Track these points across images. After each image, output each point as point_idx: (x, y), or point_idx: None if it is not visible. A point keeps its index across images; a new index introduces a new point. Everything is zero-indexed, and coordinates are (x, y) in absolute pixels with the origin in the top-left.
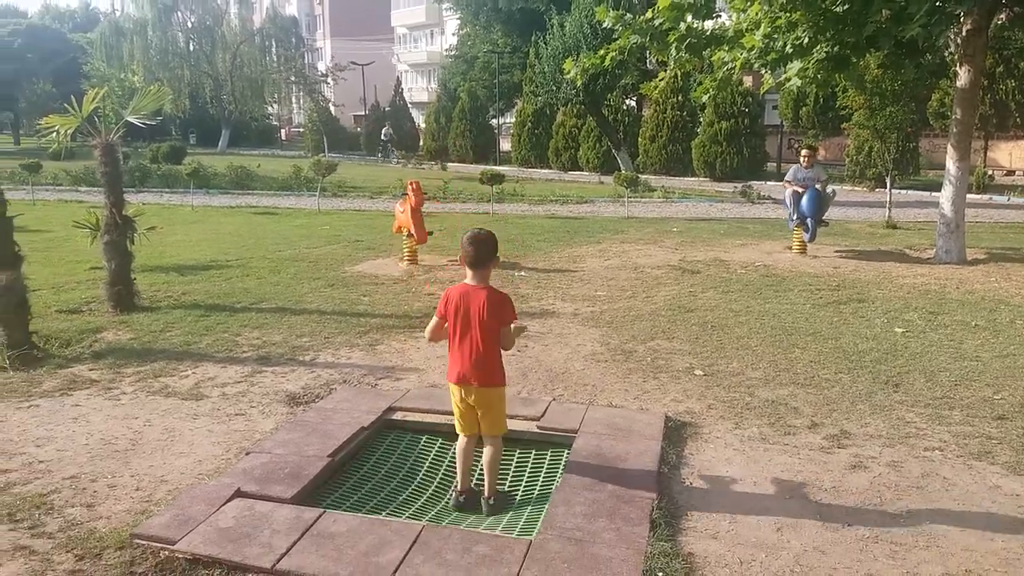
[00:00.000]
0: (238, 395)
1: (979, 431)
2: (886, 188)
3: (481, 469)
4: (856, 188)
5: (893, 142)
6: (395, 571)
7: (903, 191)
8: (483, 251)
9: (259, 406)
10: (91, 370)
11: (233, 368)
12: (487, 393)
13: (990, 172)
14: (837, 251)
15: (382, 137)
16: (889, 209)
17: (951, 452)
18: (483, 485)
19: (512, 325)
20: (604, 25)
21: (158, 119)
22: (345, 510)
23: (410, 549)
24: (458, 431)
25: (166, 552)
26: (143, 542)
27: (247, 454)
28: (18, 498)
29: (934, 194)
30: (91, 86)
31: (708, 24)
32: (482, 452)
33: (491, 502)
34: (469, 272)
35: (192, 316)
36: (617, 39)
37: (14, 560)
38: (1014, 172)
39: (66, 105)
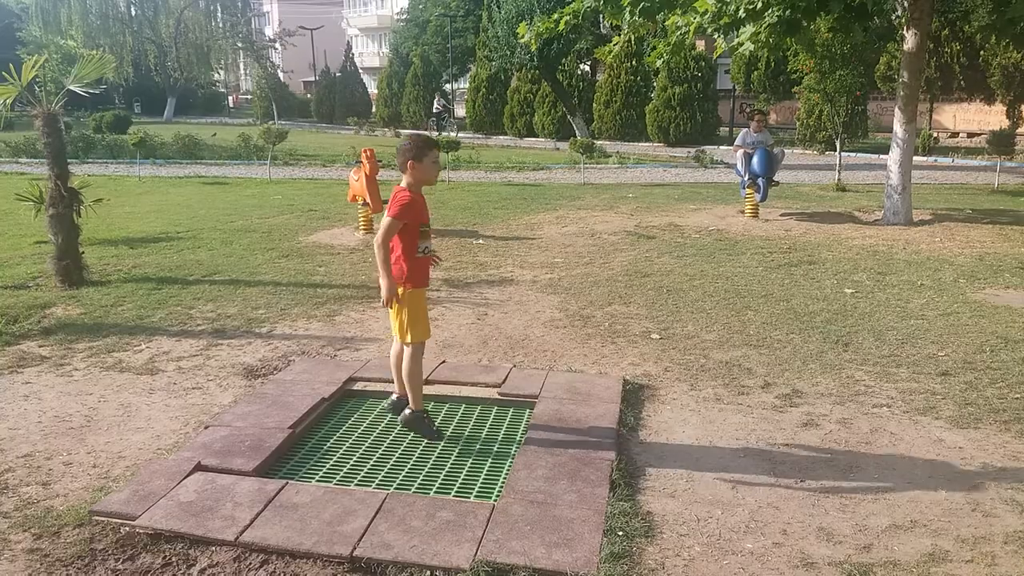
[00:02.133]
0: (194, 369)
1: (924, 387)
2: (836, 151)
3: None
4: (807, 151)
5: (843, 105)
6: (360, 539)
7: (852, 154)
8: (399, 156)
9: (216, 379)
10: (41, 347)
11: (188, 342)
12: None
13: (935, 134)
14: (788, 214)
15: (434, 108)
16: (839, 172)
17: (898, 408)
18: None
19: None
20: None
21: (101, 88)
22: (309, 480)
23: (374, 517)
24: None
25: (127, 528)
26: (103, 519)
27: (206, 428)
28: None
29: (882, 157)
30: (27, 53)
31: None
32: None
33: (408, 412)
34: None
35: (144, 289)
36: (571, 3)
37: None
38: (958, 134)
39: (3, 73)
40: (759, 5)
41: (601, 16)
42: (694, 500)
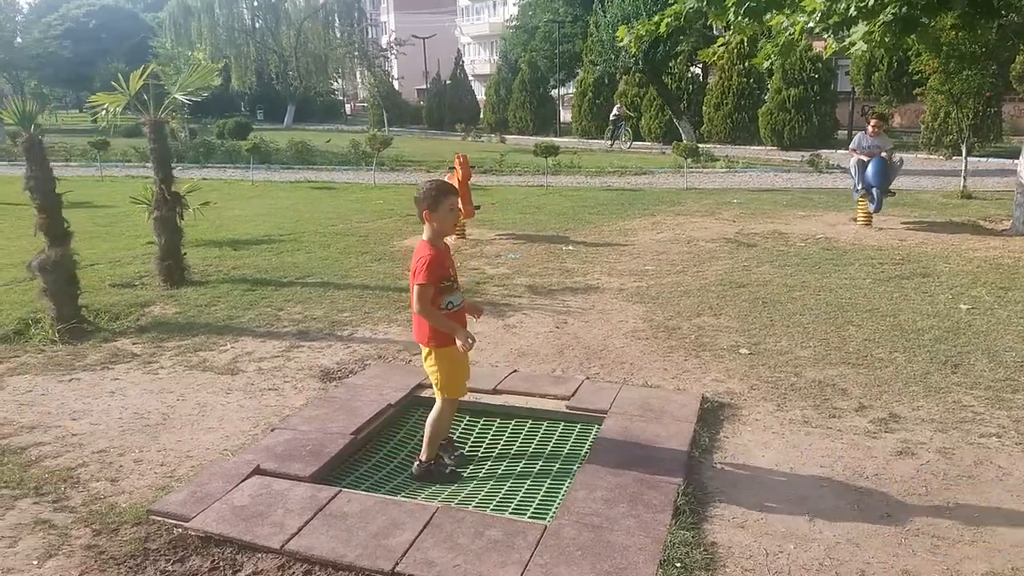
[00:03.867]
0: (273, 370)
1: None
2: (962, 156)
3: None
4: (932, 156)
5: (970, 108)
6: (404, 554)
7: (983, 159)
8: (417, 205)
9: (292, 381)
10: (134, 344)
11: (272, 343)
12: (421, 348)
13: None
14: (905, 223)
15: (612, 116)
16: (964, 178)
17: (1009, 439)
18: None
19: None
20: None
21: (204, 95)
22: (364, 489)
23: (421, 531)
24: None
25: (180, 529)
26: (159, 518)
27: (273, 430)
28: (47, 471)
29: (1016, 162)
30: (159, 64)
31: None
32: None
33: (417, 465)
34: None
35: (239, 290)
36: (673, 4)
37: (33, 534)
38: None
39: (113, 83)
40: (872, 2)
41: (707, 17)
42: (765, 532)
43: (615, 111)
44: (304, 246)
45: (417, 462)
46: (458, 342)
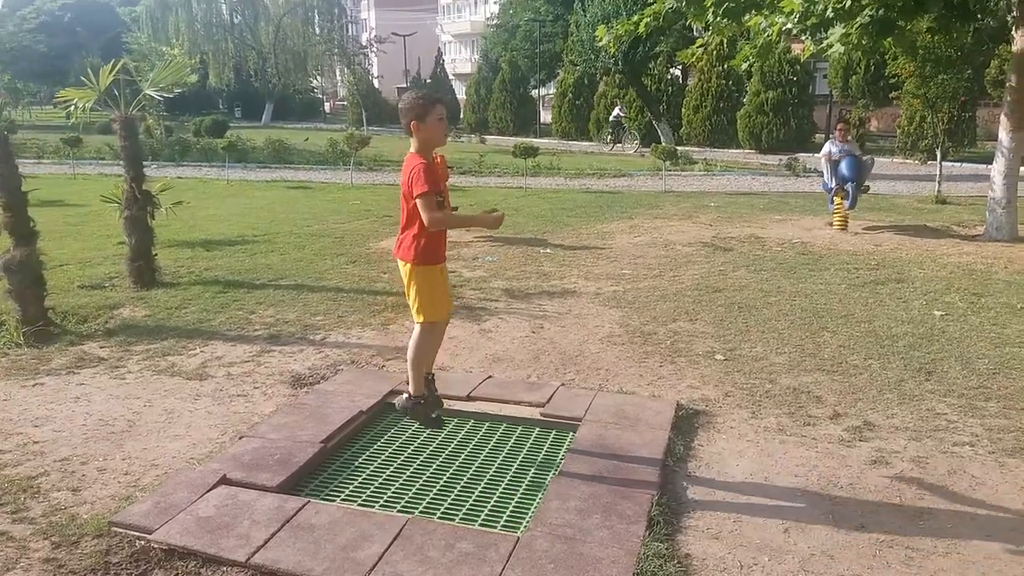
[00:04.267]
0: (243, 375)
1: (1016, 424)
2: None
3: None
4: (908, 161)
5: (945, 112)
6: (372, 568)
7: (957, 164)
8: (403, 117)
9: (262, 387)
10: (101, 347)
11: (242, 347)
12: (402, 268)
13: None
14: (880, 227)
15: (612, 117)
16: (939, 183)
17: (982, 448)
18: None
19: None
20: None
21: (178, 92)
22: (333, 500)
23: (391, 544)
24: None
25: (142, 542)
26: (121, 530)
27: (241, 438)
28: (6, 480)
29: (989, 167)
30: (133, 60)
31: None
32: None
33: (404, 399)
34: None
35: (210, 292)
36: (652, 4)
37: None
38: None
39: (83, 78)
40: (849, 3)
41: (686, 18)
42: (740, 543)
43: (616, 112)
44: (278, 247)
45: (405, 395)
46: (490, 222)
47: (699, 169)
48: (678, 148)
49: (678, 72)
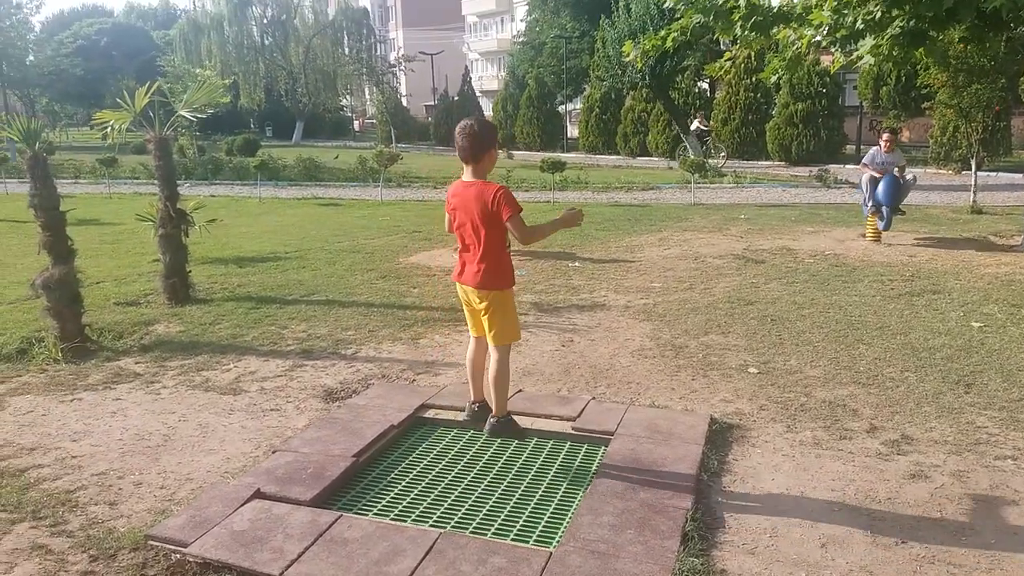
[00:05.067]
0: (276, 390)
1: None
2: (971, 171)
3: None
4: (941, 171)
5: (980, 121)
6: None
7: (992, 173)
8: (476, 144)
9: (295, 401)
10: (137, 363)
11: (275, 362)
12: (487, 296)
13: None
14: (915, 239)
15: (692, 127)
16: (974, 193)
17: None
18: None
19: (564, 213)
20: (665, 5)
21: (210, 112)
22: (366, 514)
23: (423, 559)
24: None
25: (178, 555)
26: (157, 543)
27: (274, 452)
28: (45, 494)
29: None
30: (167, 82)
31: (775, 0)
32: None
33: (494, 421)
34: (465, 167)
35: (243, 308)
36: (679, 19)
37: (30, 560)
38: None
39: (119, 100)
40: (879, 15)
41: (713, 32)
42: (776, 559)
43: (696, 123)
44: (310, 263)
45: (493, 418)
46: (572, 220)
47: (728, 181)
48: (707, 161)
49: (705, 85)
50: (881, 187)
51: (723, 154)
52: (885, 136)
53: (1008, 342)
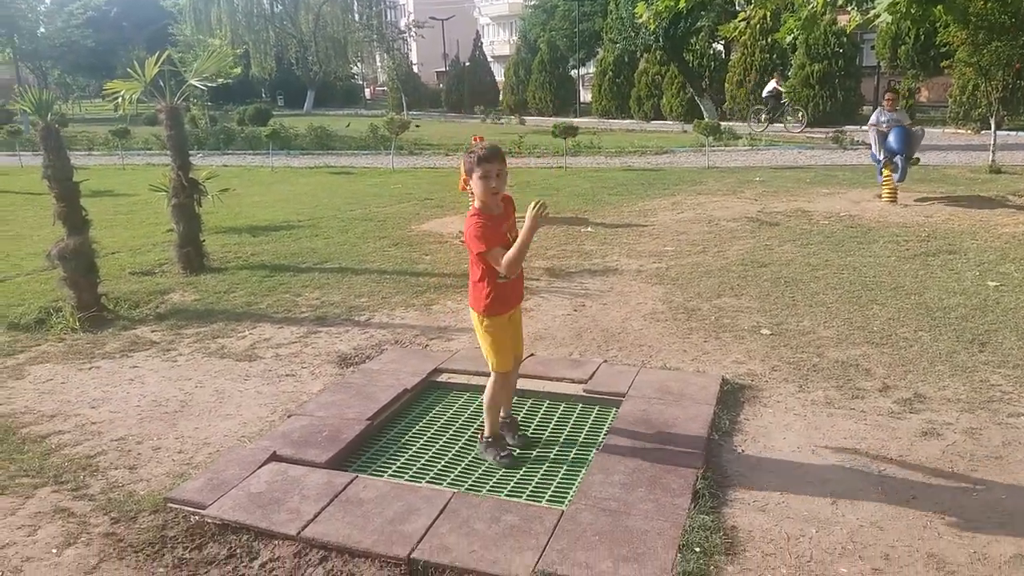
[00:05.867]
0: (291, 356)
1: None
2: (991, 130)
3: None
4: (960, 131)
5: (1000, 80)
6: (420, 540)
7: (1012, 132)
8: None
9: (310, 367)
10: (153, 332)
11: (290, 329)
12: (472, 317)
13: None
14: (931, 199)
15: (766, 92)
16: (993, 152)
17: None
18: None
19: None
20: None
21: (222, 81)
22: (380, 475)
23: (437, 517)
24: None
25: (197, 517)
26: (176, 506)
27: (290, 416)
28: (67, 459)
29: None
30: (178, 51)
31: None
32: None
33: (480, 442)
34: None
35: (257, 277)
36: None
37: (52, 522)
38: None
39: (129, 70)
40: None
41: None
42: (787, 516)
43: (771, 85)
44: (322, 231)
45: (481, 440)
46: (536, 223)
47: (743, 144)
48: (721, 123)
49: (720, 47)
50: (892, 136)
51: (801, 114)
52: (888, 95)
53: None
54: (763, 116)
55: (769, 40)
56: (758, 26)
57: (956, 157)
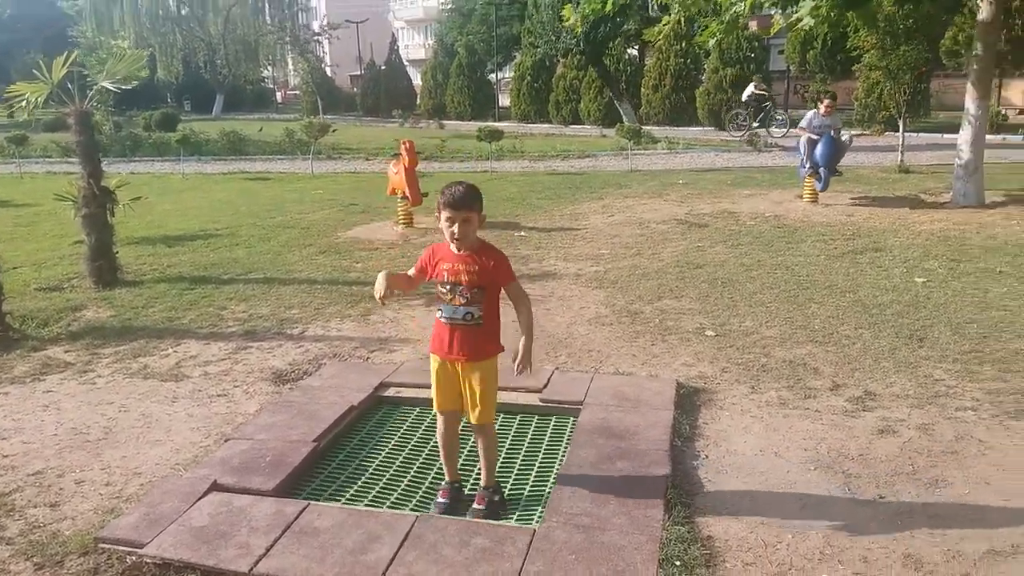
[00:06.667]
0: (221, 374)
1: (1013, 387)
2: (897, 132)
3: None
4: (865, 132)
5: (906, 83)
6: (385, 570)
7: (914, 134)
8: None
9: (243, 385)
10: (67, 352)
11: (217, 344)
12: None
13: (1004, 111)
14: (850, 198)
15: (746, 96)
16: (902, 153)
17: (985, 412)
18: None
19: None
20: None
21: (134, 83)
22: (332, 501)
23: (402, 544)
24: None
25: (134, 557)
26: (109, 546)
27: (227, 441)
28: None
29: (946, 136)
30: (82, 54)
31: None
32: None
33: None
34: None
35: (176, 289)
36: None
37: None
38: None
39: (35, 71)
40: None
41: None
42: (760, 522)
43: (750, 89)
44: (243, 240)
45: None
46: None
47: (662, 147)
48: (642, 127)
49: (635, 52)
50: (819, 148)
51: (780, 119)
52: (826, 101)
53: (952, 296)
54: (741, 121)
55: (683, 45)
56: (673, 32)
57: (866, 158)
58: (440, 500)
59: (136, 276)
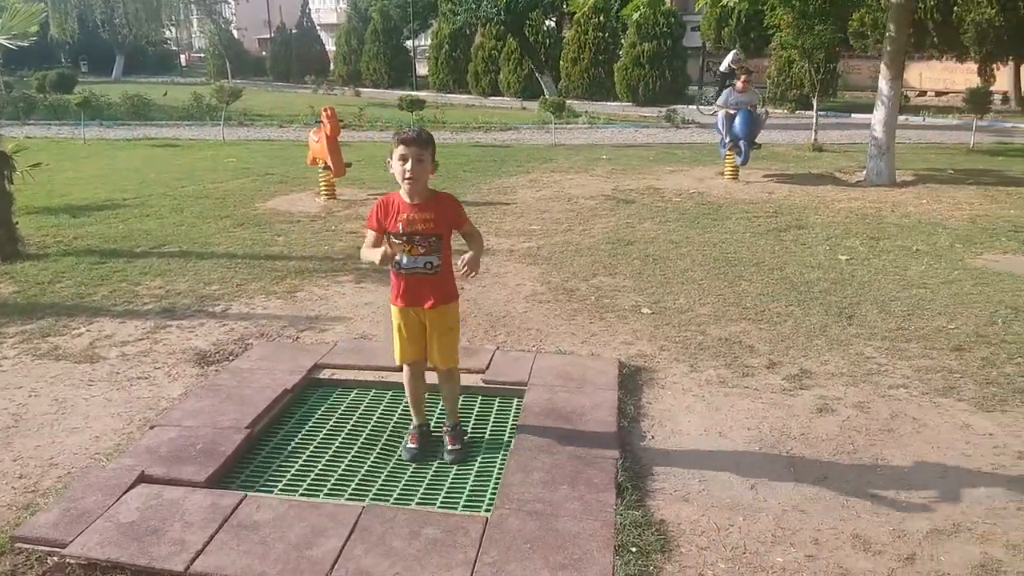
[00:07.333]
0: (140, 355)
1: (939, 364)
2: (808, 110)
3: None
4: (777, 110)
5: (819, 62)
6: (333, 566)
7: (823, 113)
8: None
9: (164, 367)
10: None
11: (133, 323)
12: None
13: (905, 93)
14: (768, 175)
15: (723, 68)
16: (815, 132)
17: (916, 389)
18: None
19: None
20: None
21: (31, 40)
22: (272, 491)
23: (349, 537)
24: None
25: (56, 558)
26: (27, 545)
27: (152, 428)
28: None
29: (853, 116)
30: None
31: None
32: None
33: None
34: None
35: (85, 264)
36: None
37: None
38: (925, 93)
39: None
40: None
41: None
42: (711, 504)
43: (728, 59)
44: (154, 211)
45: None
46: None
47: (583, 122)
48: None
49: (552, 23)
50: (737, 121)
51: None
52: (742, 77)
53: (875, 274)
54: (710, 97)
55: (601, 18)
56: (591, 4)
57: (779, 136)
58: (410, 446)
59: (39, 249)
